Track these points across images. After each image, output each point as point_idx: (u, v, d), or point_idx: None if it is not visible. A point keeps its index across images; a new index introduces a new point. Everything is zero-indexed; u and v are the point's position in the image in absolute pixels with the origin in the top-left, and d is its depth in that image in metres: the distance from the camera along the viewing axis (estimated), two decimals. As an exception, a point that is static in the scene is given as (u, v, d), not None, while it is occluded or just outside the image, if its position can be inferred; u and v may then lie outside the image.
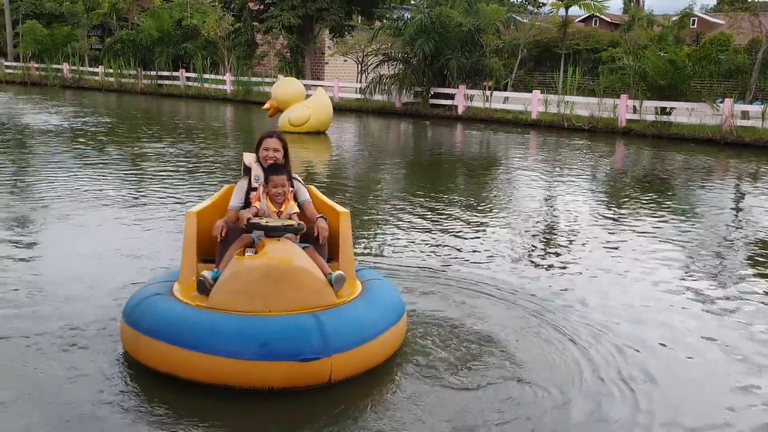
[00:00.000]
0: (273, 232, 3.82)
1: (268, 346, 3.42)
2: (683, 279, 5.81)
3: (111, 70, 33.04)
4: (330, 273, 3.88)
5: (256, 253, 3.83)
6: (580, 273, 5.87)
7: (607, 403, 3.54)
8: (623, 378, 3.83)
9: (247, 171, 4.37)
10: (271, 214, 4.06)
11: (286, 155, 4.36)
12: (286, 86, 16.55)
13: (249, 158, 4.41)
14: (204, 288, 3.79)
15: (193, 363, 3.48)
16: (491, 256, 6.25)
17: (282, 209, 4.09)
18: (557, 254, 6.48)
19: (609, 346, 4.26)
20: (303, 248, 3.93)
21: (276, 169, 4.14)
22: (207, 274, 3.85)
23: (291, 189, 4.19)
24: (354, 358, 3.62)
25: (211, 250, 4.22)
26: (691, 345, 4.39)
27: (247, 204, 4.23)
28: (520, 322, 4.60)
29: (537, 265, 6.07)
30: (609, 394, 3.64)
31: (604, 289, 5.45)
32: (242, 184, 4.34)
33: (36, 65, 36.23)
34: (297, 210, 4.16)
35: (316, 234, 4.12)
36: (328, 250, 4.24)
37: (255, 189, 4.24)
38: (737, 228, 8.07)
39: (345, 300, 3.87)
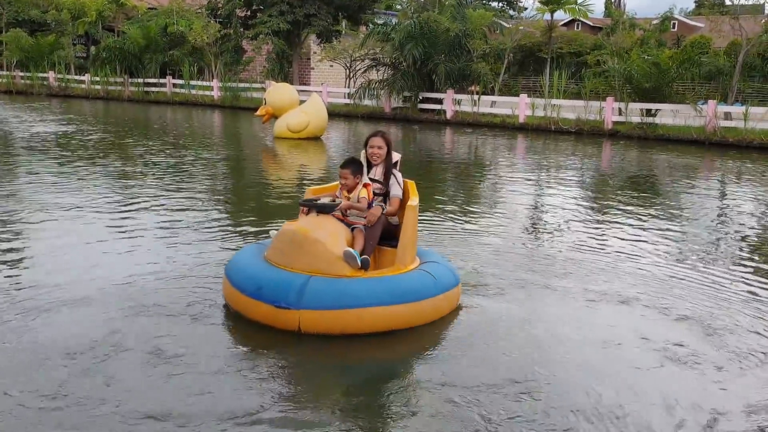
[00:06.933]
0: (316, 209, 4.69)
1: (261, 290, 4.33)
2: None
3: (97, 78, 32.99)
4: (348, 249, 4.37)
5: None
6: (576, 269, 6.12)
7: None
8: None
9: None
10: (342, 198, 4.82)
11: (388, 151, 4.98)
12: (280, 92, 16.61)
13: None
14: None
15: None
16: (478, 256, 6.48)
17: (350, 195, 4.82)
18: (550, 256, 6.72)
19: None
20: (353, 229, 4.63)
21: (344, 163, 4.88)
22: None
23: (359, 179, 4.83)
24: (322, 318, 4.21)
25: None
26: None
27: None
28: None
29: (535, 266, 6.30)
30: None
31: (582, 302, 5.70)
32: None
33: (21, 73, 36.09)
34: (364, 196, 4.79)
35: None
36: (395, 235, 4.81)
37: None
38: (722, 225, 8.37)
39: (375, 274, 4.48)
